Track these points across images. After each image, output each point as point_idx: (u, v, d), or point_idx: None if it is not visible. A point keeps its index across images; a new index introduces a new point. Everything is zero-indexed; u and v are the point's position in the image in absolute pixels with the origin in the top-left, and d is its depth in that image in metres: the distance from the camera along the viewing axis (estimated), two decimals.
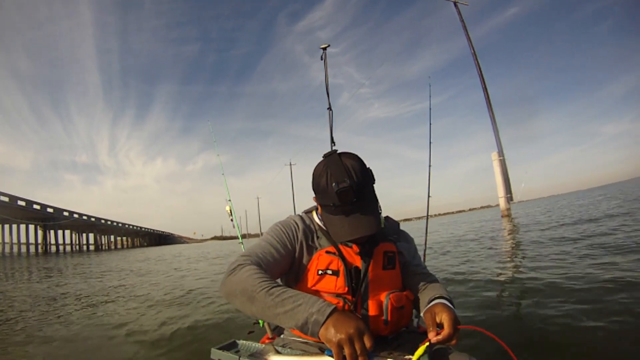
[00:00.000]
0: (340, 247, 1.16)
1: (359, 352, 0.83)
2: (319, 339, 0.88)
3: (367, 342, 0.85)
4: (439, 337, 0.95)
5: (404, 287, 1.24)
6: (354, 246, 1.16)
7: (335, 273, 1.12)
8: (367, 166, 1.15)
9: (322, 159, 1.16)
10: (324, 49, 2.60)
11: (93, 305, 4.82)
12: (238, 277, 1.00)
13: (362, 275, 1.13)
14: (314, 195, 1.19)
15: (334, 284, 1.12)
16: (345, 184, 1.04)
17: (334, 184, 1.05)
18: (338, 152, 1.15)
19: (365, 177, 1.10)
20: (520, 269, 4.26)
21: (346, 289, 1.11)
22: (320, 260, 1.14)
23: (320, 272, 1.13)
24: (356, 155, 1.15)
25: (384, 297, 1.14)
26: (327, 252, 1.15)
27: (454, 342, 0.97)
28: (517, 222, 12.08)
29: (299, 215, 1.30)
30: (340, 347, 0.84)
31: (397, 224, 1.35)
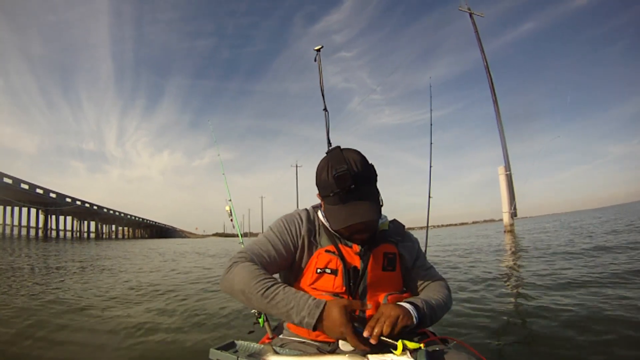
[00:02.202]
0: (340, 246, 1.18)
1: (354, 343, 0.92)
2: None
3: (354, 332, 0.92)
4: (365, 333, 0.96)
5: (404, 290, 1.25)
6: (354, 246, 1.19)
7: (334, 272, 1.14)
8: (370, 162, 1.17)
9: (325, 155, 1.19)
10: (318, 50, 2.60)
11: (88, 301, 4.70)
12: (233, 276, 1.05)
13: (360, 275, 1.15)
14: (317, 192, 1.22)
15: (332, 283, 1.14)
16: (343, 169, 1.06)
17: (333, 172, 1.08)
18: (341, 147, 1.17)
19: (364, 168, 1.12)
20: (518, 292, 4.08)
21: (344, 288, 1.13)
22: (320, 258, 1.17)
23: (319, 270, 1.15)
24: (358, 150, 1.18)
25: (382, 298, 1.16)
26: (327, 251, 1.17)
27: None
28: (521, 240, 11.84)
29: (305, 209, 1.31)
30: (343, 339, 0.94)
31: (402, 226, 1.36)
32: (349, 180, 1.06)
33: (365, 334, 0.95)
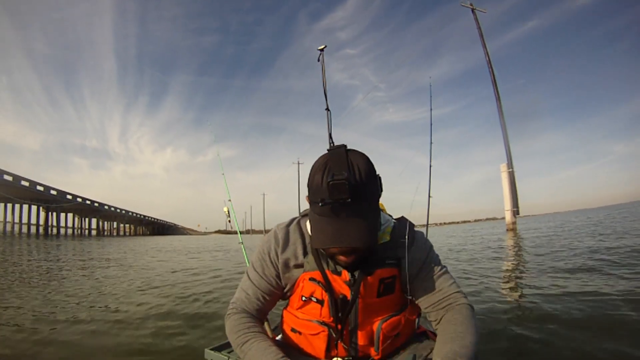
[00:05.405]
0: (327, 272, 1.02)
1: None
2: None
3: None
4: None
5: (401, 309, 1.10)
6: (344, 273, 1.01)
7: (320, 302, 1.03)
8: (377, 173, 0.95)
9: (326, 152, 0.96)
10: (321, 50, 2.56)
11: (79, 297, 4.61)
12: (227, 328, 1.07)
13: (350, 304, 1.02)
14: (306, 195, 0.98)
15: (319, 312, 1.04)
16: (341, 177, 0.84)
17: (329, 177, 0.86)
18: (347, 148, 0.95)
19: (368, 179, 0.90)
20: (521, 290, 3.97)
21: (331, 318, 1.03)
22: (305, 285, 1.05)
23: (304, 298, 1.05)
24: (366, 156, 0.95)
25: (375, 325, 1.05)
26: (311, 279, 1.03)
27: None
28: (522, 238, 11.74)
29: (286, 226, 1.12)
30: None
31: (411, 226, 1.12)
32: (345, 192, 0.84)
33: None
